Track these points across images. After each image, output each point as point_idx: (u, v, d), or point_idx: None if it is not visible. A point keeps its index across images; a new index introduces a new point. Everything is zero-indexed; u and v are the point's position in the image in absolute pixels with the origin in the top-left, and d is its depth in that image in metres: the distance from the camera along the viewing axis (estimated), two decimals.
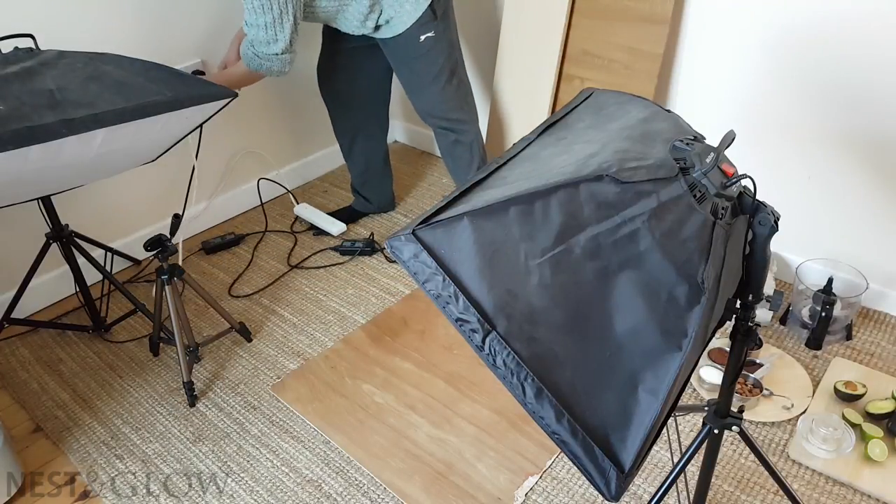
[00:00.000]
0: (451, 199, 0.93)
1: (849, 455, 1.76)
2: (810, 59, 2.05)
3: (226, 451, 1.86)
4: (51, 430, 1.94)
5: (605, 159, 0.93)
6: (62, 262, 2.33)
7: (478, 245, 0.87)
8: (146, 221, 2.59)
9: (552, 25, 2.45)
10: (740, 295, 1.13)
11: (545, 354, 0.89)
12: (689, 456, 1.31)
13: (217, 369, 2.12)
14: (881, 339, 2.14)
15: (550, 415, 0.89)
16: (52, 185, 1.80)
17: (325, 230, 2.71)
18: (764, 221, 1.04)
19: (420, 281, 0.88)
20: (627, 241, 0.91)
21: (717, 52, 2.23)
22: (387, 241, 0.90)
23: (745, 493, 1.71)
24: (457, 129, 2.39)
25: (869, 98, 2.00)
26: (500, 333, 0.87)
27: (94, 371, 2.12)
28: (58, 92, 1.58)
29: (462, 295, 0.87)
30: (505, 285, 0.87)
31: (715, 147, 1.02)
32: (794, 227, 2.31)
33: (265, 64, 2.02)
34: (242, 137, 2.78)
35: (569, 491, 1.73)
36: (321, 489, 1.76)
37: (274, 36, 1.95)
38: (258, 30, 1.94)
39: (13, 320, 2.19)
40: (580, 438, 0.90)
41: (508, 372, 0.88)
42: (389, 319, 2.29)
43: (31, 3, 2.05)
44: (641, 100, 1.19)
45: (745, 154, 2.30)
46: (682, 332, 0.93)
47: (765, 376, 1.98)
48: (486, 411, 1.95)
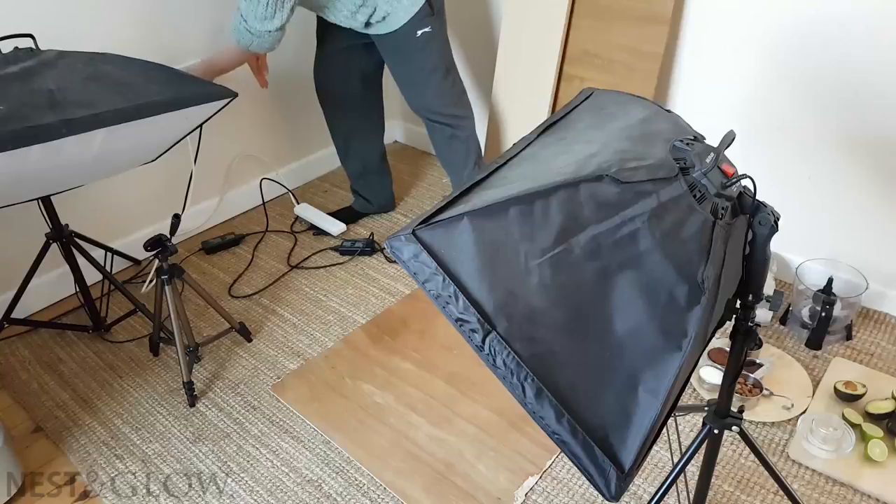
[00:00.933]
0: (451, 199, 0.93)
1: (849, 455, 1.76)
2: (811, 59, 2.05)
3: (226, 451, 1.86)
4: (51, 430, 1.94)
5: (605, 159, 0.93)
6: (62, 262, 2.33)
7: (478, 245, 0.87)
8: (146, 221, 2.59)
9: (552, 25, 2.45)
10: (740, 295, 1.13)
11: (545, 354, 0.89)
12: (689, 456, 1.31)
13: (217, 369, 2.12)
14: (881, 339, 2.14)
15: (550, 415, 0.89)
16: (52, 185, 1.80)
17: (325, 230, 2.71)
18: (764, 221, 1.04)
19: (420, 281, 0.88)
20: (627, 241, 0.91)
21: (717, 52, 2.23)
22: (387, 241, 0.90)
23: (745, 493, 1.71)
24: (454, 124, 2.40)
25: (869, 98, 1.99)
26: (500, 333, 0.87)
27: (94, 371, 2.12)
28: (58, 92, 1.59)
29: (462, 295, 0.87)
30: (505, 285, 0.87)
31: (715, 147, 1.02)
32: (794, 227, 2.31)
33: (255, 41, 2.00)
34: (243, 138, 2.78)
35: (569, 491, 1.73)
36: (321, 489, 1.76)
37: (272, 12, 1.93)
38: (256, 4, 1.92)
39: (13, 320, 2.19)
40: (580, 438, 0.90)
41: (508, 372, 0.88)
42: (389, 319, 2.29)
43: (31, 3, 2.05)
44: (641, 100, 1.19)
45: (745, 154, 2.30)
46: (682, 332, 0.93)
47: (765, 376, 1.98)
48: (486, 411, 1.95)
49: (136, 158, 1.88)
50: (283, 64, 2.77)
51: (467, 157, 2.46)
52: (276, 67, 2.74)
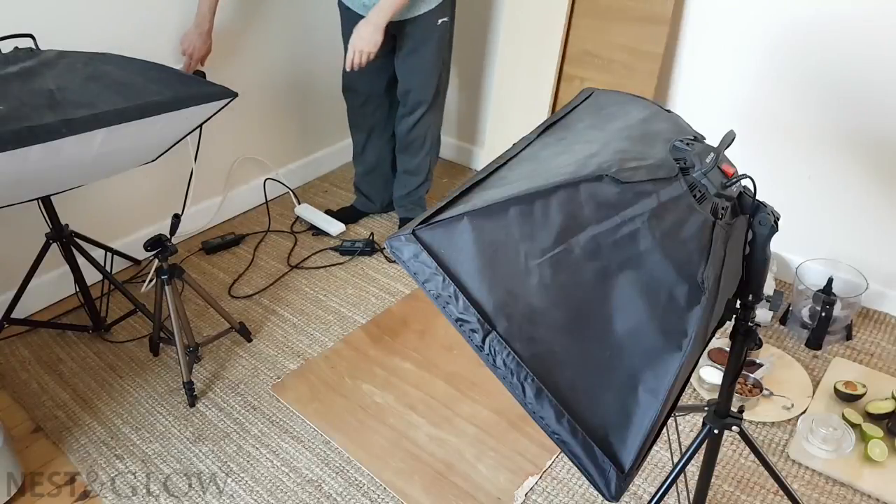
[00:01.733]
0: (451, 199, 0.93)
1: (849, 455, 1.76)
2: (811, 59, 2.05)
3: (226, 451, 1.86)
4: (51, 430, 1.94)
5: (605, 159, 0.93)
6: (62, 262, 2.33)
7: (478, 245, 0.87)
8: (146, 221, 2.59)
9: (552, 25, 2.45)
10: (740, 295, 1.13)
11: (545, 354, 0.89)
12: (689, 456, 1.31)
13: (217, 369, 2.12)
14: (881, 339, 2.14)
15: (550, 415, 0.89)
16: (52, 185, 1.80)
17: (324, 230, 2.71)
18: (764, 221, 1.04)
19: (420, 281, 0.88)
20: (627, 241, 0.91)
21: (717, 52, 2.23)
22: (387, 241, 0.90)
23: (745, 493, 1.71)
24: (429, 110, 2.48)
25: (869, 98, 1.99)
26: (500, 333, 0.87)
27: (94, 371, 2.12)
28: (58, 92, 1.58)
29: (462, 295, 0.87)
30: (505, 285, 0.87)
31: (715, 147, 1.02)
32: (794, 227, 2.31)
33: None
34: (243, 138, 2.77)
35: (569, 491, 1.73)
36: (321, 489, 1.76)
37: None
38: None
39: (13, 320, 2.19)
40: (580, 438, 0.90)
41: (508, 372, 0.88)
42: (389, 319, 2.29)
43: (31, 4, 2.05)
44: (641, 100, 1.19)
45: (745, 154, 2.30)
46: (682, 332, 0.93)
47: (765, 376, 1.98)
48: (486, 411, 1.95)
49: (136, 158, 1.88)
50: (283, 64, 2.77)
51: (423, 145, 2.57)
52: (275, 67, 2.75)
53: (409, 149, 2.58)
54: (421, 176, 2.66)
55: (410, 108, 2.46)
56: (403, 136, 2.55)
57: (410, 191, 2.67)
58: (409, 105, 2.46)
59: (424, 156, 2.61)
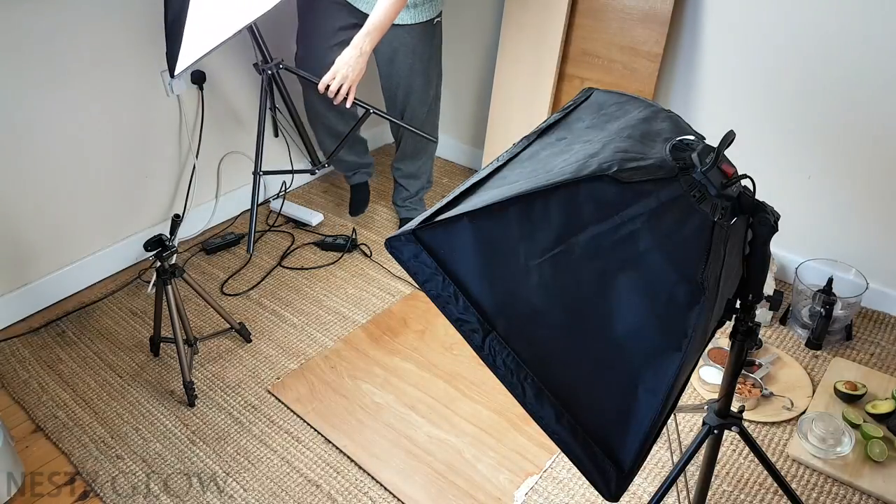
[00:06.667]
0: (451, 199, 0.93)
1: (849, 455, 1.76)
2: (811, 59, 2.05)
3: (226, 450, 1.86)
4: (51, 430, 1.93)
5: (605, 159, 0.93)
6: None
7: (477, 245, 0.87)
8: (146, 221, 2.58)
9: (552, 25, 2.45)
10: (740, 295, 1.13)
11: (545, 354, 0.89)
12: (689, 456, 1.31)
13: (217, 369, 2.12)
14: (881, 339, 2.14)
15: (550, 415, 0.89)
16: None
17: (303, 221, 2.76)
18: (764, 221, 1.04)
19: (420, 281, 0.88)
20: (627, 241, 0.91)
21: (717, 52, 2.23)
22: (386, 241, 0.90)
23: (745, 493, 1.71)
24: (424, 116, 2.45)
25: (869, 98, 1.99)
26: (499, 333, 0.87)
27: (94, 371, 2.12)
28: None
29: (462, 295, 0.87)
30: (505, 285, 0.87)
31: (715, 147, 1.02)
32: (794, 227, 2.31)
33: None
34: (242, 137, 2.77)
35: (569, 491, 1.73)
36: (321, 489, 1.76)
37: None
38: None
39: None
40: (580, 438, 0.90)
41: (508, 372, 0.88)
42: (389, 319, 2.29)
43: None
44: (641, 100, 1.19)
45: (745, 154, 2.29)
46: (682, 332, 0.93)
47: (765, 376, 1.98)
48: (486, 411, 1.95)
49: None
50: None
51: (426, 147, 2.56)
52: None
53: (409, 155, 2.57)
54: (422, 179, 2.65)
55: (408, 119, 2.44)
56: (402, 145, 2.54)
57: (411, 194, 2.67)
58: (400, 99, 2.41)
59: (426, 159, 2.60)
